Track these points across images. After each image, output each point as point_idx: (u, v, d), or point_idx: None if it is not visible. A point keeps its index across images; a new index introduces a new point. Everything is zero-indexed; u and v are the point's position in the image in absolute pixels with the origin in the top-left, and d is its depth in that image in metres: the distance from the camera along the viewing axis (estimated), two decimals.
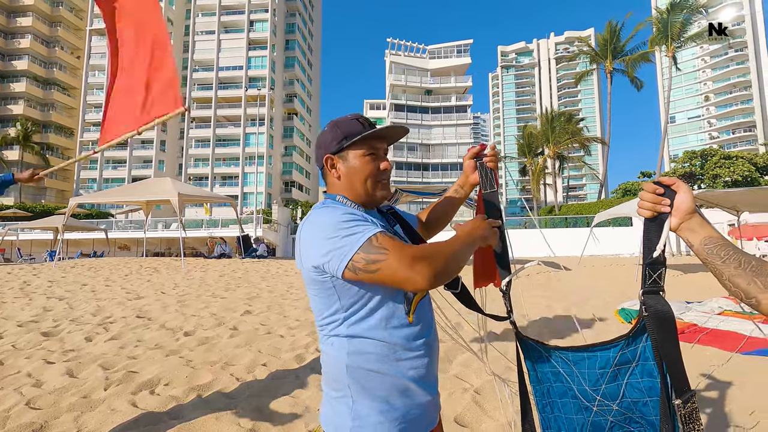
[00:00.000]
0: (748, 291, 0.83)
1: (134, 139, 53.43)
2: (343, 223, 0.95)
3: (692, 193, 0.96)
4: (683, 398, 0.93)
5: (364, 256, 0.90)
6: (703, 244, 0.91)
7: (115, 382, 3.30)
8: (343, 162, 1.11)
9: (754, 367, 3.50)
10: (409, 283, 0.88)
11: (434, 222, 1.48)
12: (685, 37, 31.68)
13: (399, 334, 1.02)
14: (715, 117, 69.88)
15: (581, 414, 1.09)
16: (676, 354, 0.95)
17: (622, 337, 1.06)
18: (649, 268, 0.99)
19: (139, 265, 12.93)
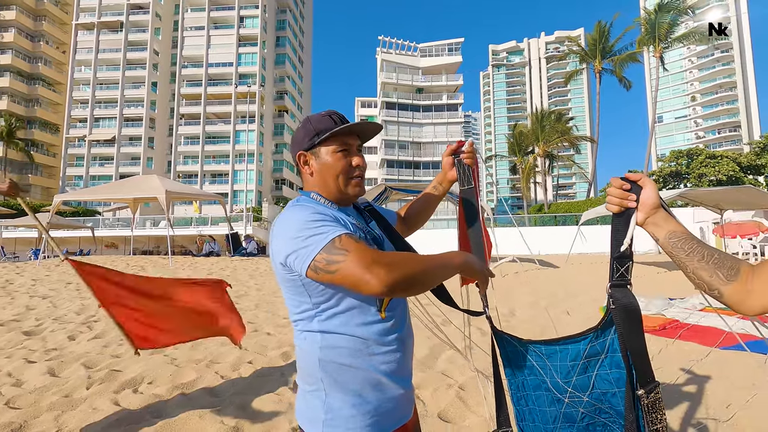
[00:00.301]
0: (710, 283, 0.86)
1: (122, 135, 52.80)
2: (309, 222, 0.95)
3: (657, 189, 0.98)
4: (647, 389, 0.95)
5: (325, 256, 0.89)
6: (668, 238, 0.93)
7: (98, 381, 3.27)
8: (316, 158, 1.12)
9: (733, 361, 3.58)
10: (364, 285, 0.86)
11: (413, 218, 1.49)
12: (672, 38, 32.11)
13: (371, 329, 1.02)
14: (702, 117, 71.07)
15: (554, 406, 1.11)
16: (641, 346, 0.97)
17: (591, 330, 1.08)
18: (616, 262, 1.01)
19: (125, 263, 12.77)
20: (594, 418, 1.07)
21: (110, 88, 54.03)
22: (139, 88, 53.81)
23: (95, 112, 53.41)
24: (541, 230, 24.32)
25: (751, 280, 0.81)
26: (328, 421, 0.99)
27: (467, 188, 1.36)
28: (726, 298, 0.84)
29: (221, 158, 54.35)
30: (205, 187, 50.94)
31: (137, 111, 53.35)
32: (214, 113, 55.30)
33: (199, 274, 10.34)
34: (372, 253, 0.89)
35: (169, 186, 12.74)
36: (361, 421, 0.99)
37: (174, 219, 31.83)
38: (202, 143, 53.50)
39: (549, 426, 1.11)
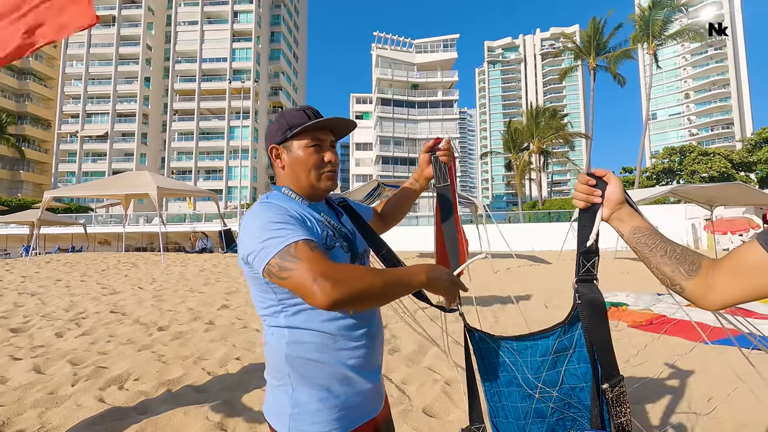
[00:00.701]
0: (672, 278, 0.86)
1: (114, 131, 52.33)
2: (270, 223, 0.94)
3: (621, 184, 0.98)
4: (611, 383, 0.96)
5: (278, 261, 0.89)
6: (632, 233, 0.93)
7: (84, 378, 3.25)
8: (288, 152, 1.12)
9: (717, 356, 3.62)
10: (310, 298, 0.85)
11: (390, 214, 1.49)
12: (665, 35, 32.21)
13: (338, 325, 1.02)
14: (695, 114, 71.51)
15: (525, 402, 1.11)
16: (607, 340, 0.97)
17: (559, 325, 1.08)
18: (582, 257, 1.01)
19: (117, 260, 12.70)
20: (563, 413, 1.08)
21: (103, 84, 53.49)
22: (132, 83, 53.32)
23: (87, 107, 52.88)
24: (535, 226, 24.44)
25: (712, 275, 0.81)
26: (295, 415, 0.99)
27: (443, 185, 1.36)
28: (687, 293, 0.85)
29: (215, 154, 54.04)
30: (199, 184, 50.67)
31: (130, 106, 52.87)
32: (208, 109, 54.92)
33: (191, 270, 10.30)
34: (323, 266, 0.87)
35: (160, 182, 12.65)
36: (327, 415, 0.99)
37: (167, 215, 31.68)
38: (196, 139, 53.15)
39: (521, 422, 1.11)
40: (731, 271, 0.79)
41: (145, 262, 12.27)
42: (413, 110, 55.67)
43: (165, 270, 10.41)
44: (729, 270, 0.80)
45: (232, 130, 53.28)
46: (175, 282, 8.41)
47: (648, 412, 2.68)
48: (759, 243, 0.76)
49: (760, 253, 0.75)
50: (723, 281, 0.80)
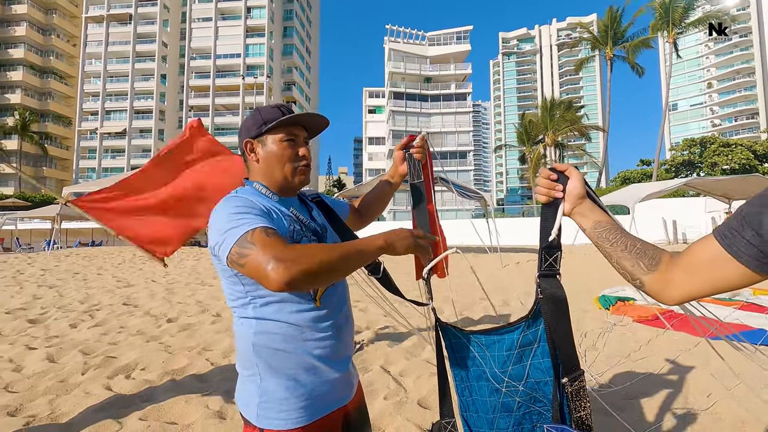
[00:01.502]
0: (633, 273, 0.87)
1: (132, 127, 53.39)
2: (231, 215, 0.98)
3: (583, 179, 0.98)
4: (570, 377, 0.96)
5: (237, 249, 0.92)
6: (593, 228, 0.93)
7: (93, 367, 3.38)
8: (262, 147, 1.15)
9: (721, 352, 3.55)
10: (265, 282, 0.87)
11: (367, 209, 1.51)
12: (686, 23, 31.22)
13: (305, 316, 1.05)
14: (718, 104, 69.25)
15: (493, 396, 1.13)
16: (567, 334, 0.98)
17: (523, 319, 1.09)
18: (545, 252, 1.01)
19: (133, 254, 13.03)
20: (530, 407, 1.09)
21: (120, 81, 54.55)
22: (148, 80, 54.24)
23: (106, 104, 54.04)
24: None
25: (671, 270, 0.81)
26: (263, 403, 1.03)
27: (416, 182, 1.38)
28: (647, 288, 0.85)
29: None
30: None
31: (147, 103, 53.84)
32: (223, 105, 55.54)
33: (203, 264, 10.51)
34: (276, 248, 0.88)
35: None
36: (294, 404, 1.03)
37: None
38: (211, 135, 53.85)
39: (489, 416, 1.13)
40: (688, 266, 0.79)
41: None
42: (426, 104, 55.27)
43: (178, 264, 10.65)
44: (686, 265, 0.80)
45: None
46: (187, 275, 8.60)
47: (644, 407, 2.67)
48: (715, 237, 0.76)
49: (715, 248, 0.75)
50: (680, 276, 0.80)
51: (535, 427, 1.09)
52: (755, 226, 0.69)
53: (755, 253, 0.69)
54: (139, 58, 54.63)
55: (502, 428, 1.11)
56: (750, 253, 0.70)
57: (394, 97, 54.41)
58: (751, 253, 0.70)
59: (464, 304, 5.68)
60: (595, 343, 3.94)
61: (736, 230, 0.72)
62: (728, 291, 0.79)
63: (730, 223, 0.73)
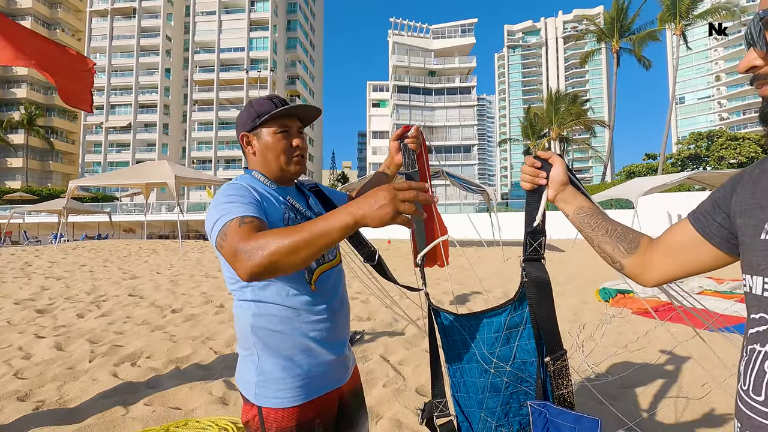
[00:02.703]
0: (612, 256, 0.90)
1: (137, 122, 53.59)
2: (222, 204, 1.02)
3: (565, 166, 1.02)
4: (553, 356, 1.01)
5: (219, 238, 0.95)
6: (575, 213, 0.97)
7: (100, 355, 3.47)
8: (258, 139, 1.19)
9: (717, 343, 3.58)
10: (237, 272, 0.87)
11: None
12: (694, 15, 30.79)
13: (300, 299, 1.10)
14: (726, 97, 68.42)
15: (483, 377, 1.16)
16: (551, 316, 1.02)
17: (509, 302, 1.13)
18: (529, 237, 1.05)
19: (139, 246, 13.17)
20: (517, 387, 1.13)
21: (125, 75, 54.70)
22: (152, 74, 54.35)
23: (111, 99, 54.25)
24: (552, 215, 23.97)
25: (650, 253, 0.85)
26: (260, 383, 1.08)
27: (411, 172, 1.41)
28: (627, 270, 0.89)
29: (234, 144, 54.82)
30: (219, 173, 51.62)
31: (151, 97, 54.00)
32: (227, 99, 55.58)
33: (208, 257, 10.62)
34: (241, 239, 0.87)
35: (178, 171, 12.98)
36: (291, 383, 1.08)
37: (188, 204, 32.46)
38: (215, 129, 53.98)
39: (479, 396, 1.17)
40: (665, 249, 0.83)
41: (165, 249, 12.69)
42: (430, 97, 55.02)
43: (183, 256, 10.76)
44: (663, 248, 0.83)
45: None
46: (191, 267, 8.70)
47: (638, 395, 2.71)
48: (689, 221, 0.79)
49: (690, 231, 0.78)
50: (658, 259, 0.83)
51: (521, 406, 1.14)
52: (725, 209, 0.72)
53: (726, 235, 0.73)
54: (143, 52, 54.71)
55: (491, 407, 1.15)
56: (721, 235, 0.73)
57: (398, 91, 54.19)
58: (722, 235, 0.73)
59: (464, 296, 5.73)
60: (593, 334, 3.98)
61: (709, 213, 0.75)
62: (702, 273, 0.82)
63: (704, 207, 0.77)
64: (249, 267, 0.83)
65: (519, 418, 1.14)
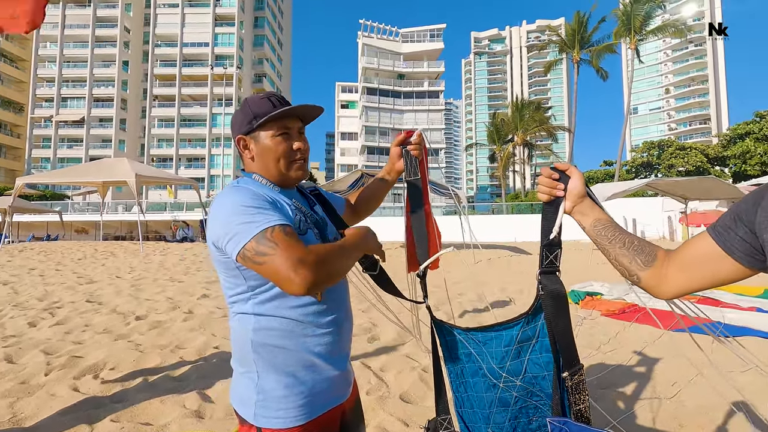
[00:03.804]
0: (630, 269, 0.89)
1: (91, 116, 50.80)
2: (245, 207, 0.94)
3: (583, 178, 1.01)
4: (571, 371, 0.98)
5: (254, 246, 0.88)
6: (593, 225, 0.96)
7: (58, 367, 3.21)
8: (255, 142, 1.09)
9: (683, 343, 3.76)
10: (288, 285, 0.86)
11: (362, 205, 1.49)
12: (646, 31, 32.69)
13: (306, 311, 1.03)
14: (674, 109, 73.06)
15: (490, 391, 1.13)
16: (568, 330, 0.99)
17: (523, 315, 1.10)
18: (546, 250, 1.03)
19: (94, 249, 12.43)
20: (526, 402, 1.10)
21: (78, 67, 51.64)
22: (109, 66, 51.63)
23: (62, 91, 51.07)
24: (517, 218, 24.78)
25: (666, 266, 0.84)
26: (260, 402, 1.00)
27: (413, 179, 1.36)
28: (644, 283, 0.88)
29: (197, 142, 52.97)
30: (181, 172, 49.68)
31: (108, 91, 51.26)
32: (190, 95, 53.64)
33: (171, 260, 10.16)
34: (299, 250, 0.87)
35: (139, 170, 12.35)
36: (293, 402, 1.00)
37: (147, 204, 31.03)
38: (177, 126, 51.94)
39: (485, 411, 1.14)
40: (682, 262, 0.83)
41: (123, 251, 12.03)
42: (399, 100, 55.41)
43: (144, 259, 10.24)
44: (680, 261, 0.83)
45: (215, 118, 52.21)
46: (154, 271, 8.28)
47: (615, 397, 2.79)
48: (709, 234, 0.79)
49: (710, 245, 0.78)
50: (675, 272, 0.83)
51: (531, 421, 1.11)
52: (748, 224, 0.73)
53: (748, 249, 0.73)
54: (98, 42, 51.88)
55: (499, 422, 1.12)
56: (743, 249, 0.73)
57: (367, 93, 54.21)
58: (744, 249, 0.73)
59: (440, 298, 5.75)
60: None
61: (730, 227, 0.75)
62: (721, 286, 0.83)
63: (724, 221, 0.77)
64: (314, 279, 0.85)
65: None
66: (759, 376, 2.91)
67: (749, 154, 30.40)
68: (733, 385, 2.70)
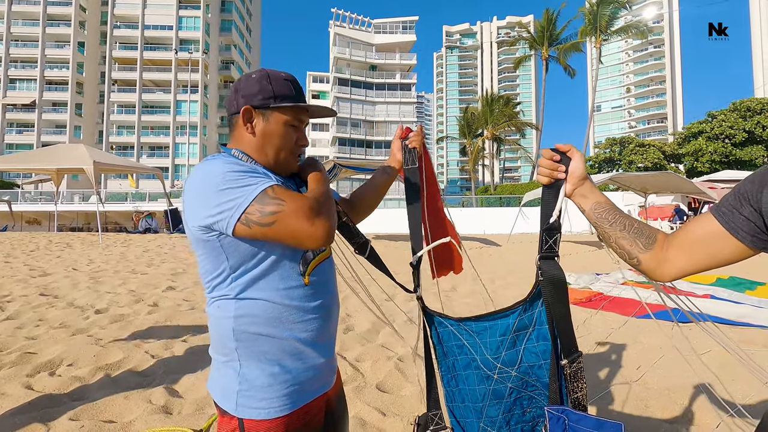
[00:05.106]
0: (630, 252, 0.88)
1: (43, 100, 47.73)
2: (233, 173, 0.87)
3: (584, 159, 0.99)
4: (570, 358, 0.97)
5: (258, 207, 0.84)
6: (593, 209, 0.94)
7: (8, 365, 2.98)
8: (264, 121, 1.01)
9: (646, 329, 3.93)
10: (307, 239, 0.86)
11: (360, 202, 1.37)
12: (611, 31, 33.86)
13: (292, 295, 0.97)
14: (634, 107, 76.40)
15: (483, 384, 1.11)
16: (567, 317, 0.98)
17: (520, 303, 1.07)
18: (545, 234, 1.00)
19: (48, 240, 11.71)
20: (521, 392, 1.08)
21: (28, 46, 48.25)
22: (63, 47, 48.50)
23: (10, 72, 47.63)
24: (486, 210, 25.30)
25: (666, 248, 0.84)
26: (243, 391, 0.94)
27: (410, 167, 1.35)
28: (644, 266, 0.87)
29: (160, 130, 50.82)
30: (143, 160, 47.55)
31: (61, 73, 48.19)
32: (152, 80, 51.30)
33: (134, 251, 9.71)
34: (307, 200, 0.89)
35: (97, 157, 11.69)
36: (277, 391, 0.95)
37: (107, 194, 29.56)
38: (138, 113, 49.60)
39: (478, 404, 1.11)
40: (683, 243, 0.82)
41: (81, 243, 11.40)
42: (371, 92, 55.09)
43: (104, 251, 9.74)
44: (681, 243, 0.83)
45: (180, 105, 50.20)
46: (115, 263, 7.89)
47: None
48: (713, 215, 0.79)
49: (713, 225, 0.78)
50: (675, 253, 0.82)
51: (525, 412, 1.09)
52: (753, 203, 0.73)
53: (752, 229, 0.73)
54: (51, 21, 48.60)
55: (492, 416, 1.09)
56: (747, 229, 0.73)
57: (338, 83, 53.57)
58: (748, 229, 0.73)
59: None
60: None
61: (735, 207, 0.75)
62: (721, 266, 0.83)
63: (729, 201, 0.77)
64: (330, 225, 0.89)
65: (522, 425, 1.09)
66: (716, 358, 3.07)
67: (701, 152, 32.19)
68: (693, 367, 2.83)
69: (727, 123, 31.45)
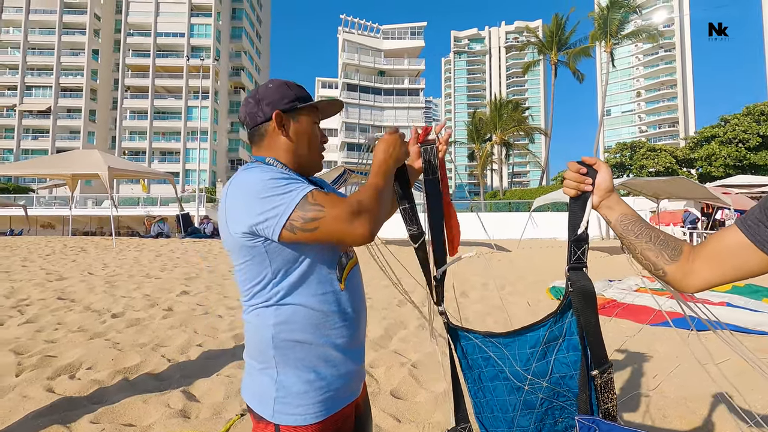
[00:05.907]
0: (656, 263, 0.89)
1: (59, 106, 48.71)
2: (274, 181, 0.91)
3: (611, 172, 1.00)
4: (600, 369, 0.97)
5: (301, 214, 0.88)
6: (619, 220, 0.95)
7: (29, 368, 3.05)
8: (295, 123, 1.07)
9: (661, 337, 3.89)
10: (351, 238, 0.91)
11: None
12: (621, 35, 33.65)
13: (329, 300, 0.99)
14: (645, 112, 75.65)
15: (513, 395, 1.11)
16: (597, 327, 0.98)
17: (551, 315, 1.07)
18: (573, 245, 1.01)
19: (63, 244, 11.91)
20: (552, 402, 1.08)
21: (45, 54, 49.35)
22: (78, 55, 49.53)
23: (27, 79, 48.72)
24: (495, 216, 25.17)
25: (692, 259, 0.85)
26: (280, 398, 0.96)
27: (431, 178, 1.23)
28: (669, 277, 0.88)
29: (171, 135, 51.51)
30: (154, 166, 48.20)
31: (76, 80, 49.18)
32: (164, 87, 52.08)
33: (147, 256, 9.84)
34: (346, 203, 0.91)
35: (112, 162, 11.89)
36: (313, 398, 0.97)
37: (119, 198, 29.98)
38: (150, 118, 50.34)
39: (509, 414, 1.11)
40: (709, 255, 0.83)
41: (95, 247, 11.58)
42: (379, 97, 55.33)
43: (118, 255, 9.88)
44: (706, 254, 0.83)
45: (190, 110, 50.85)
46: (129, 267, 8.00)
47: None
48: (738, 227, 0.80)
49: (739, 237, 0.79)
50: (701, 265, 0.83)
51: (557, 422, 1.09)
52: None
53: None
54: (66, 30, 49.67)
55: (523, 426, 1.10)
56: None
57: (347, 89, 53.91)
58: None
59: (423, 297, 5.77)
60: None
61: (760, 220, 0.76)
62: (747, 278, 0.83)
63: (755, 215, 0.78)
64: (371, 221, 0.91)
65: None
66: (733, 366, 3.03)
67: (714, 156, 31.73)
68: (710, 376, 2.80)
69: (741, 127, 30.97)
